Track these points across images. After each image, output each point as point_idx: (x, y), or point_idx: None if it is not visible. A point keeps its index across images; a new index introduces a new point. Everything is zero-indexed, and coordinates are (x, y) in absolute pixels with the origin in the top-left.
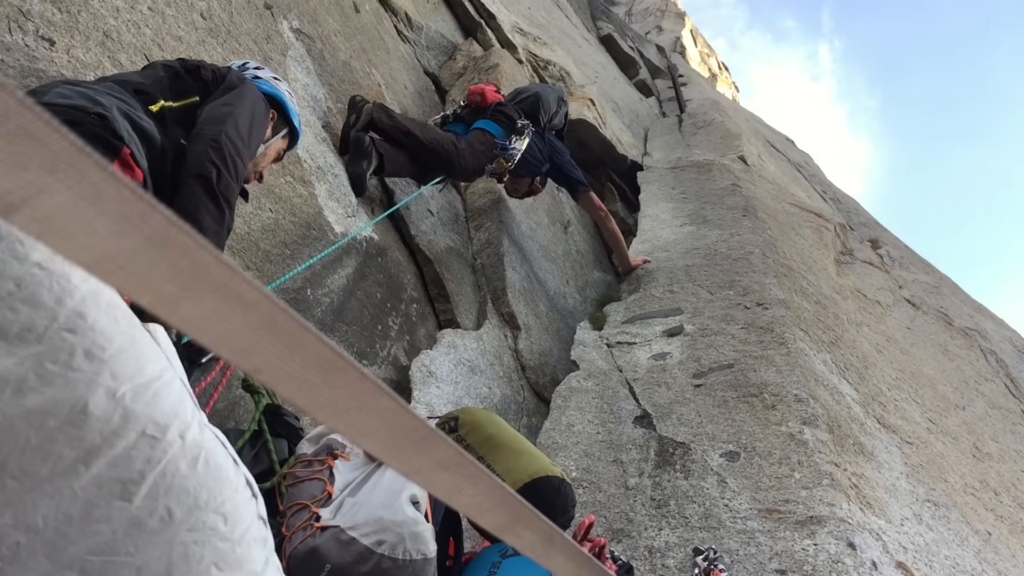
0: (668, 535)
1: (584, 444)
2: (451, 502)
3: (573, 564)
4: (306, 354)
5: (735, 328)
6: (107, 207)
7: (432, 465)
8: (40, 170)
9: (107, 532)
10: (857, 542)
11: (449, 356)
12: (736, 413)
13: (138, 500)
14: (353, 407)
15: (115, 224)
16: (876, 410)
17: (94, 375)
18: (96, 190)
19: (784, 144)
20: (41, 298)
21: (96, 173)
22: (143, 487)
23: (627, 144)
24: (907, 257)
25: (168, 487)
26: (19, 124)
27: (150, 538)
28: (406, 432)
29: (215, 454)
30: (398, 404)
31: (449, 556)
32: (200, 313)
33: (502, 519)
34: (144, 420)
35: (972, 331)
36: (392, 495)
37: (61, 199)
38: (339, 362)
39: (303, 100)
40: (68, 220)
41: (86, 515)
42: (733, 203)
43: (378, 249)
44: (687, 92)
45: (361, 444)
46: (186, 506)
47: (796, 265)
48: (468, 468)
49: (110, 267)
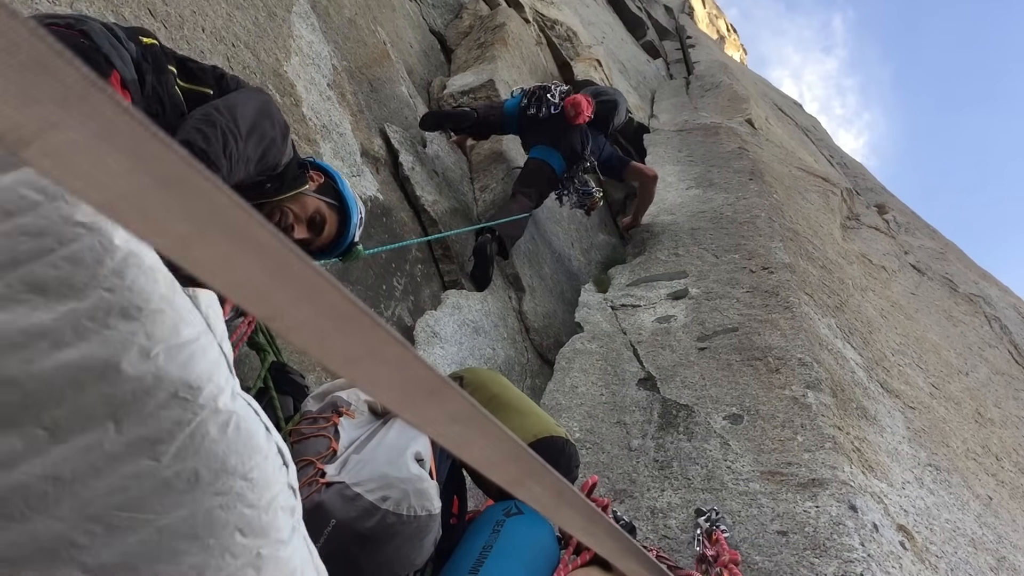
0: (671, 496)
1: (588, 406)
2: (462, 455)
3: (582, 519)
4: (319, 301)
5: (740, 292)
6: (120, 143)
7: (444, 417)
8: (51, 103)
9: (133, 489)
10: (859, 505)
11: (453, 317)
12: (740, 376)
13: (166, 460)
14: (365, 356)
15: (128, 162)
16: (880, 375)
17: (129, 334)
18: (109, 125)
19: (792, 108)
20: (82, 256)
21: (109, 107)
22: (171, 448)
23: (633, 106)
24: (913, 223)
25: (196, 450)
26: (30, 55)
27: (175, 499)
28: (418, 383)
29: (246, 421)
30: (411, 354)
31: (453, 514)
32: (213, 256)
33: (513, 473)
34: (176, 382)
35: (977, 297)
36: (397, 452)
37: (73, 134)
38: (352, 310)
39: (307, 58)
40: (80, 156)
41: (113, 471)
42: (740, 167)
43: (383, 209)
44: (695, 54)
45: (373, 394)
46: (213, 470)
47: (802, 229)
48: (480, 421)
49: (122, 207)
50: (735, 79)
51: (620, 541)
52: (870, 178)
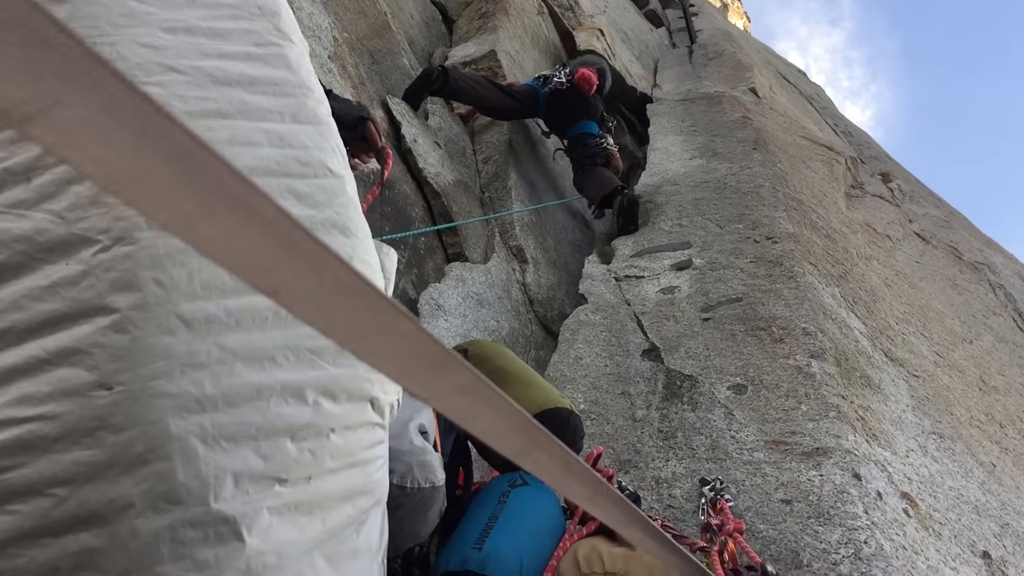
0: (675, 466)
1: (592, 377)
2: (468, 427)
3: (588, 489)
4: (325, 275)
5: (744, 262)
6: (125, 119)
7: (450, 389)
8: (56, 79)
9: (321, 342)
10: (863, 473)
11: (457, 289)
12: (744, 346)
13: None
14: (371, 331)
15: (133, 137)
16: (884, 343)
17: None
18: (113, 101)
19: (796, 76)
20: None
21: (112, 83)
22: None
23: (636, 76)
24: (918, 191)
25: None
26: (33, 30)
27: (343, 362)
28: (424, 356)
29: None
30: (417, 327)
31: (458, 486)
32: (218, 232)
33: (519, 444)
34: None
35: (981, 265)
36: (400, 426)
37: (78, 110)
38: (358, 284)
39: (308, 29)
40: (85, 132)
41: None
42: (744, 136)
43: (386, 182)
44: (698, 22)
45: (379, 368)
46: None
47: (806, 199)
48: (486, 392)
49: (126, 182)
50: (739, 47)
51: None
52: (874, 146)
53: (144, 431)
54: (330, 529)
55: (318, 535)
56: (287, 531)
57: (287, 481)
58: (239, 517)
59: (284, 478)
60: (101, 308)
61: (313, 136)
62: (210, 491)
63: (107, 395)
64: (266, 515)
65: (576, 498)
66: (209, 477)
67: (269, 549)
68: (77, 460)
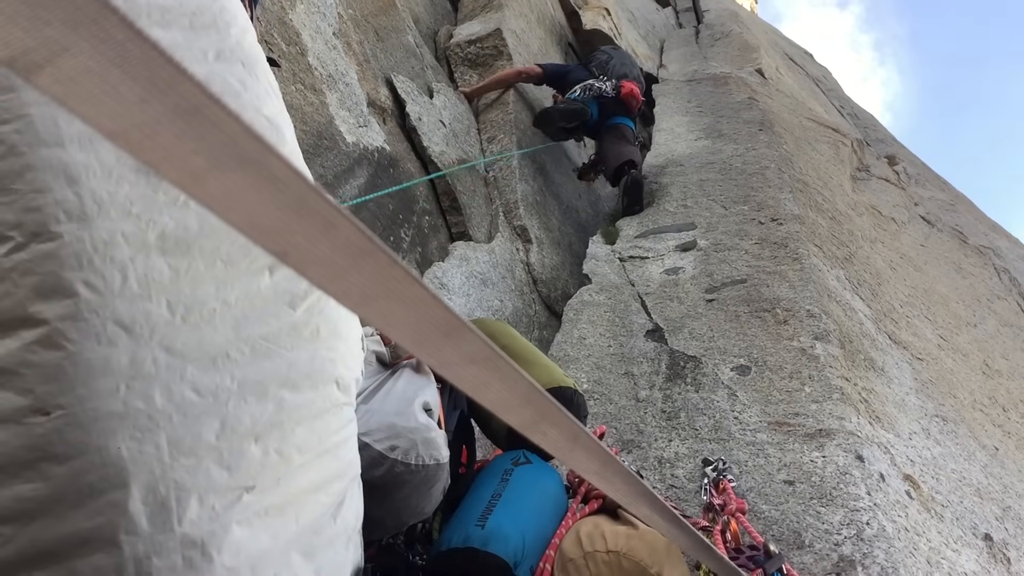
0: (678, 446)
1: (596, 357)
2: (478, 397)
3: (596, 463)
4: (336, 237)
5: (749, 243)
6: (133, 70)
7: (460, 358)
8: (63, 26)
9: (274, 326)
10: (865, 455)
11: (461, 269)
12: (748, 328)
13: (299, 312)
14: (382, 295)
15: (142, 89)
16: (888, 326)
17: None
18: (122, 51)
19: (802, 57)
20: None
21: (121, 32)
22: (305, 303)
23: (642, 56)
24: (923, 174)
25: (322, 308)
26: None
27: (302, 344)
28: (435, 323)
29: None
30: (428, 293)
31: (462, 464)
32: (228, 189)
33: (528, 416)
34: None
35: (986, 249)
36: (405, 402)
37: (86, 59)
38: (370, 247)
39: (313, 5)
40: (93, 83)
41: (263, 307)
42: (749, 117)
43: (390, 160)
44: (705, 2)
45: (389, 333)
46: (329, 329)
47: (812, 181)
48: (496, 363)
49: (135, 136)
50: (745, 28)
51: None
52: (880, 129)
53: (92, 459)
54: (305, 525)
55: (292, 535)
56: (259, 540)
57: (255, 488)
58: (207, 538)
59: (251, 485)
60: (25, 320)
61: (243, 77)
62: (173, 515)
63: (45, 421)
64: (236, 530)
65: (584, 472)
66: (171, 500)
67: (241, 563)
68: (19, 496)
